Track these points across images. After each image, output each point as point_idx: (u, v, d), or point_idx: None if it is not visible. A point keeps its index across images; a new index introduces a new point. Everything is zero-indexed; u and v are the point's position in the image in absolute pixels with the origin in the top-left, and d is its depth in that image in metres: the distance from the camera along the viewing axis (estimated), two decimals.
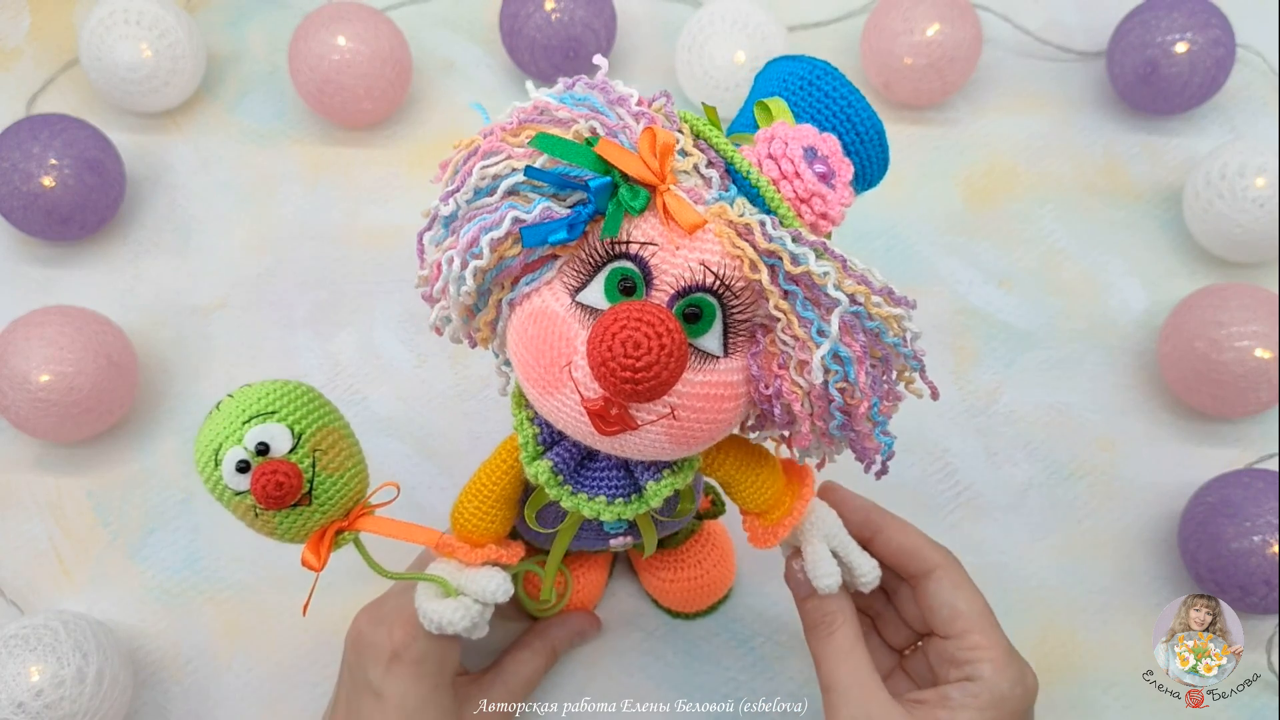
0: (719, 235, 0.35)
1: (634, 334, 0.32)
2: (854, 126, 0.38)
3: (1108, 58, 0.70)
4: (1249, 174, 0.62)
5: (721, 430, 0.38)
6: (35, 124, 0.63)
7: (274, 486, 0.37)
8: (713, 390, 0.36)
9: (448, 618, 0.41)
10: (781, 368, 0.36)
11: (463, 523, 0.44)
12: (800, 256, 0.35)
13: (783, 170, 0.36)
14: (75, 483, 0.60)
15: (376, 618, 0.46)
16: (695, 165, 0.36)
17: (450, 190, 0.37)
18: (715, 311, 0.36)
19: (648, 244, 0.35)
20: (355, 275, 0.66)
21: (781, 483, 0.43)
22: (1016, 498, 0.60)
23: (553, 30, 0.66)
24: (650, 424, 0.36)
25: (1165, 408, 0.63)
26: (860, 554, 0.43)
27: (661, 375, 0.33)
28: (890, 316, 0.36)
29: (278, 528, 0.39)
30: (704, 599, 0.55)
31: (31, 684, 0.49)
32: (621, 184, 0.35)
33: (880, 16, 0.69)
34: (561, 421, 0.37)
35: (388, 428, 0.61)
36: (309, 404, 0.40)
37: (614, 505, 0.40)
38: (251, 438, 0.38)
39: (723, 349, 0.36)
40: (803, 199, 0.36)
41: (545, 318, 0.37)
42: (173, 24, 0.66)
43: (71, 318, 0.58)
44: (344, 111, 0.67)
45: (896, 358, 0.38)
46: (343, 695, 0.47)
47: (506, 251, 0.37)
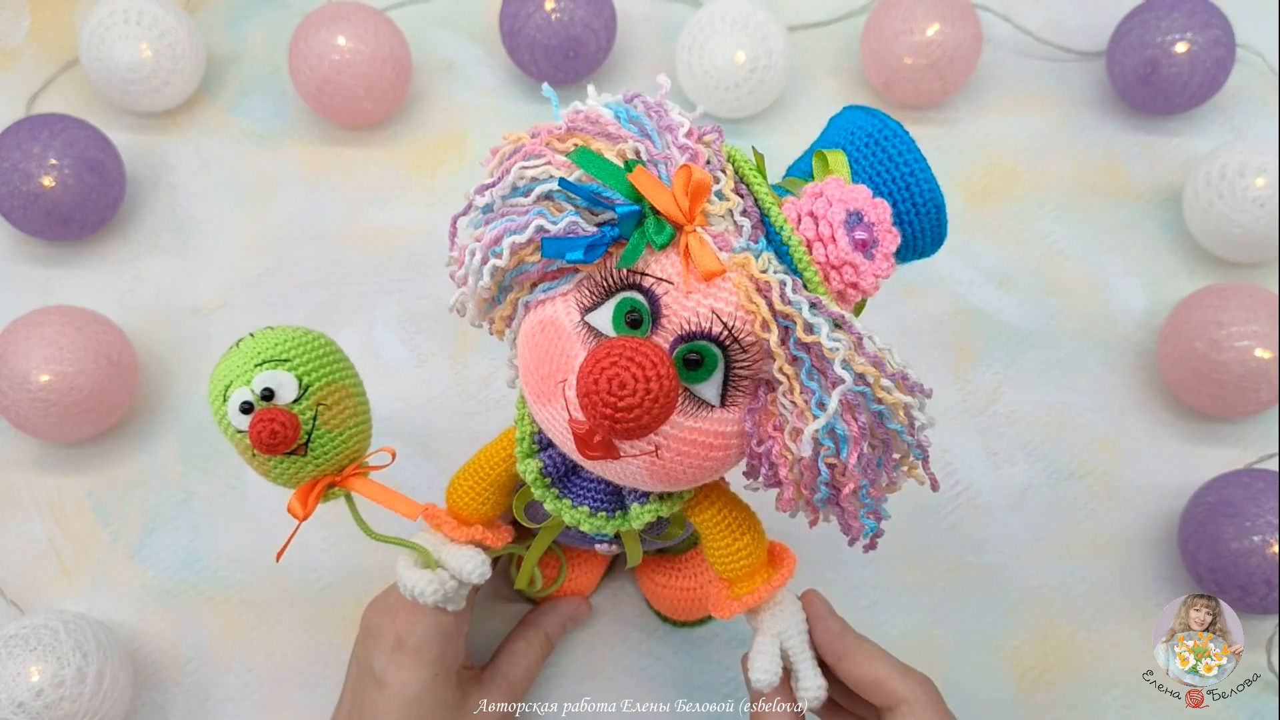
0: (737, 287, 0.34)
1: (622, 373, 0.32)
2: (912, 196, 0.36)
3: (1108, 58, 0.70)
4: (1249, 174, 0.62)
5: (706, 475, 0.37)
6: (35, 124, 0.63)
7: (269, 434, 0.38)
8: (702, 438, 0.36)
9: (420, 587, 0.42)
10: (777, 429, 0.35)
11: (455, 499, 0.44)
12: (814, 326, 0.34)
13: (819, 232, 0.35)
14: (75, 483, 0.60)
15: (384, 608, 0.47)
16: (730, 210, 0.35)
17: (489, 184, 0.37)
18: (718, 361, 0.35)
19: (663, 280, 0.35)
20: (355, 275, 0.66)
21: (759, 560, 0.42)
22: (1016, 498, 0.60)
23: (553, 30, 0.66)
24: (632, 458, 0.35)
25: (1165, 408, 0.63)
26: (809, 667, 0.41)
27: (643, 420, 0.32)
28: (898, 404, 0.35)
29: (271, 471, 0.41)
30: (698, 610, 0.54)
31: (31, 684, 0.49)
32: (650, 215, 0.35)
33: (880, 16, 0.69)
34: (552, 432, 0.37)
35: (388, 428, 0.61)
36: (323, 357, 0.41)
37: (595, 518, 0.41)
38: (259, 381, 0.39)
39: (720, 399, 0.36)
40: (834, 265, 0.35)
41: (553, 329, 0.36)
42: (173, 24, 0.66)
43: (71, 318, 0.58)
44: (344, 111, 0.67)
45: (899, 444, 0.36)
46: (350, 685, 0.48)
47: (526, 257, 0.37)
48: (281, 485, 0.41)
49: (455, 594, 0.43)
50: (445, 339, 0.64)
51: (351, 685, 0.48)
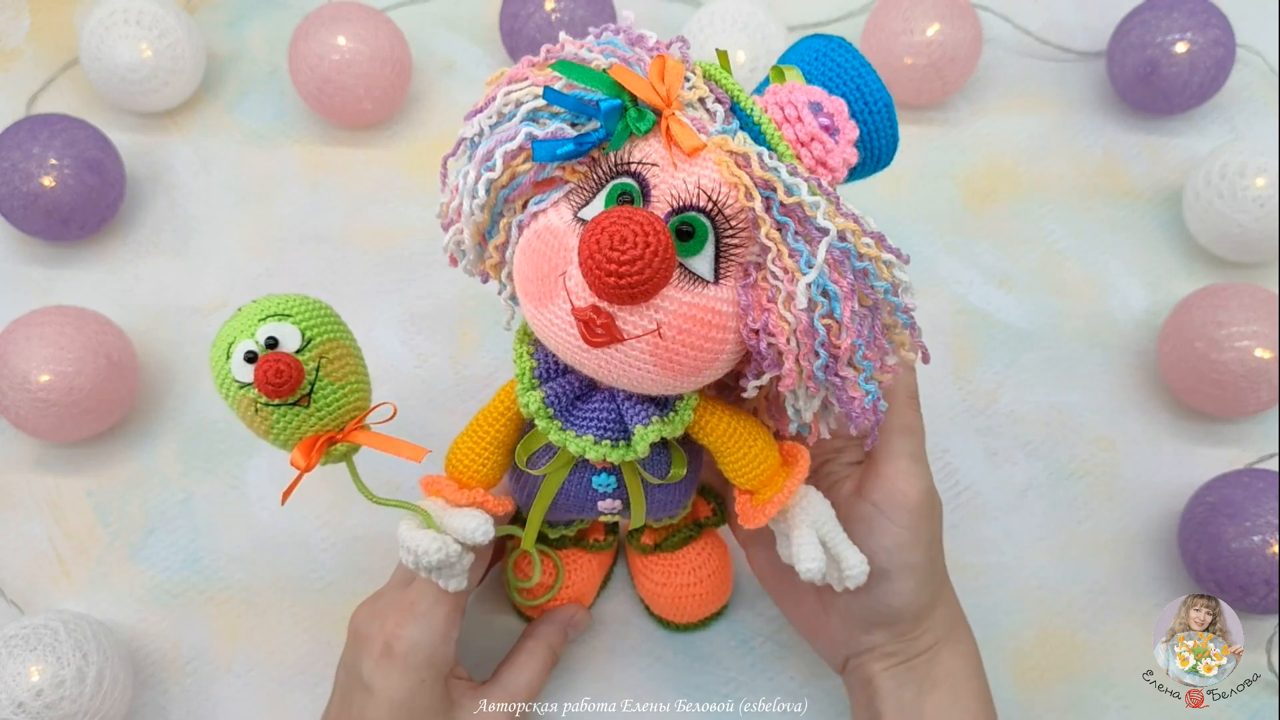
0: (718, 163, 0.36)
1: (621, 228, 0.34)
2: (863, 96, 0.38)
3: (1108, 58, 0.70)
4: (1249, 174, 0.62)
5: (708, 362, 0.38)
6: (35, 124, 0.63)
7: (274, 374, 0.39)
8: (700, 314, 0.37)
9: (424, 547, 0.41)
10: (770, 302, 0.37)
11: (454, 463, 0.45)
12: (793, 187, 0.36)
13: (785, 115, 0.38)
14: (75, 483, 0.60)
15: (372, 612, 0.47)
16: (701, 99, 0.38)
17: (475, 110, 0.40)
18: (708, 233, 0.37)
19: (648, 164, 0.37)
20: (355, 275, 0.66)
21: (775, 461, 0.43)
22: (1016, 498, 0.60)
23: (553, 30, 0.66)
24: (636, 340, 0.36)
25: (1165, 408, 0.63)
26: (849, 546, 0.43)
27: (645, 273, 0.34)
28: (879, 259, 0.37)
29: (274, 426, 0.41)
30: (696, 609, 0.54)
31: (31, 684, 0.49)
32: (630, 107, 0.37)
33: (880, 16, 0.69)
34: (554, 337, 0.38)
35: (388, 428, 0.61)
36: (324, 316, 0.42)
37: (600, 445, 0.41)
38: (263, 332, 0.40)
39: (713, 274, 0.37)
40: (803, 141, 0.37)
41: (548, 233, 0.38)
42: (173, 24, 0.66)
43: (71, 318, 0.58)
44: (344, 111, 0.67)
45: (886, 307, 0.38)
46: (338, 689, 0.48)
47: (518, 168, 0.39)
48: (283, 444, 0.42)
49: (458, 560, 0.43)
50: (445, 339, 0.64)
51: (339, 690, 0.47)
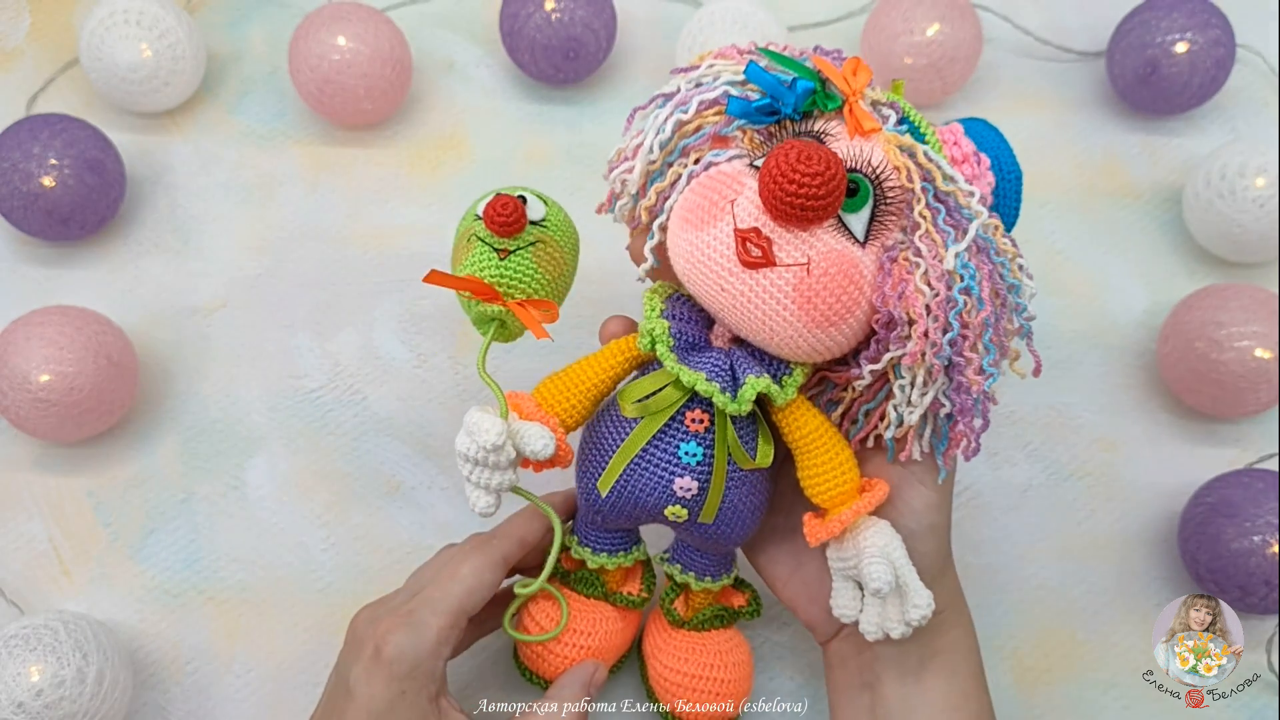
0: (886, 149, 0.41)
1: (806, 150, 0.38)
2: (999, 162, 0.43)
3: (1108, 58, 0.70)
4: (1249, 174, 0.62)
5: (841, 316, 0.40)
6: (35, 124, 0.63)
7: (502, 206, 0.43)
8: (846, 265, 0.40)
9: (484, 426, 0.42)
10: (909, 274, 0.40)
11: (543, 392, 0.46)
12: (952, 177, 0.41)
13: (944, 136, 0.43)
14: (75, 483, 0.60)
15: (372, 615, 0.46)
16: (877, 102, 0.43)
17: (679, 68, 0.44)
18: (869, 194, 0.40)
19: (828, 134, 0.41)
20: (355, 275, 0.66)
21: (854, 479, 0.44)
22: (1016, 498, 0.60)
23: (553, 30, 0.66)
24: (785, 269, 0.39)
25: (1165, 408, 0.63)
26: (918, 582, 0.42)
27: (822, 189, 0.37)
28: (1015, 257, 0.41)
29: (470, 254, 0.45)
30: (711, 696, 0.50)
31: (31, 684, 0.49)
32: (820, 90, 0.42)
33: (880, 16, 0.69)
34: (706, 261, 0.40)
35: (388, 428, 0.61)
36: (568, 231, 0.47)
37: (710, 384, 0.42)
38: (519, 191, 0.45)
39: (864, 235, 0.40)
40: (957, 160, 0.42)
41: (721, 173, 0.42)
42: (173, 24, 0.66)
43: (71, 318, 0.58)
44: (344, 111, 0.67)
45: (1012, 305, 0.42)
46: (326, 691, 0.47)
47: (708, 119, 0.43)
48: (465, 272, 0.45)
49: (508, 460, 0.43)
50: (445, 339, 0.64)
51: (328, 692, 0.47)
